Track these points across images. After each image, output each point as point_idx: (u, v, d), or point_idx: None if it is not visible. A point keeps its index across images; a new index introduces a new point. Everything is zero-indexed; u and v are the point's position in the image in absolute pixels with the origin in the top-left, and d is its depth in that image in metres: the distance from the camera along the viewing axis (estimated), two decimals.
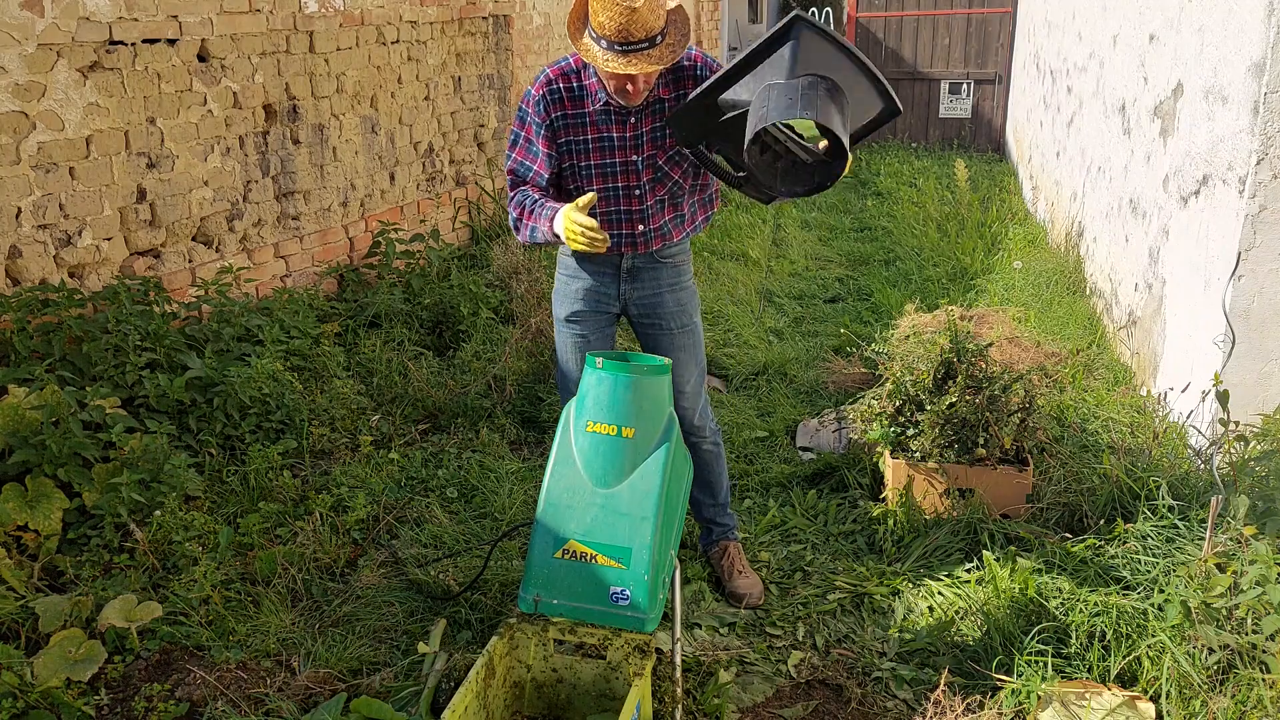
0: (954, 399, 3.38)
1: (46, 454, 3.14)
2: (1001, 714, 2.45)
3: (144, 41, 4.15)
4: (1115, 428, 3.85)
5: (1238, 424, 3.12)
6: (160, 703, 2.55)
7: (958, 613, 2.93)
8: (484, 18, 6.71)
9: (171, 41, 4.29)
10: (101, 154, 4.01)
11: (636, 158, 2.74)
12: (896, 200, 8.66)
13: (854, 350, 4.90)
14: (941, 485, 3.36)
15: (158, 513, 3.14)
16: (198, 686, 2.63)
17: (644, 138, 2.72)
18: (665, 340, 2.94)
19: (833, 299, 6.33)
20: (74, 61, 3.86)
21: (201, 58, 4.47)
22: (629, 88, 2.59)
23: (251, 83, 4.75)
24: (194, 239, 4.53)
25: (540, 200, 2.70)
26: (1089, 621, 2.67)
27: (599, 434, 2.33)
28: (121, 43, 4.05)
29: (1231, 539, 2.57)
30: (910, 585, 3.08)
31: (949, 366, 3.51)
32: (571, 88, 2.71)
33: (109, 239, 4.08)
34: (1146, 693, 2.46)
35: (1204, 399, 3.43)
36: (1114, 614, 2.65)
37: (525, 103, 2.76)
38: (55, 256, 3.86)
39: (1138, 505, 3.10)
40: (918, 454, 3.45)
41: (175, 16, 4.28)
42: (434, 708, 2.47)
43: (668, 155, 2.76)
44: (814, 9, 22.24)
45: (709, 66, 2.71)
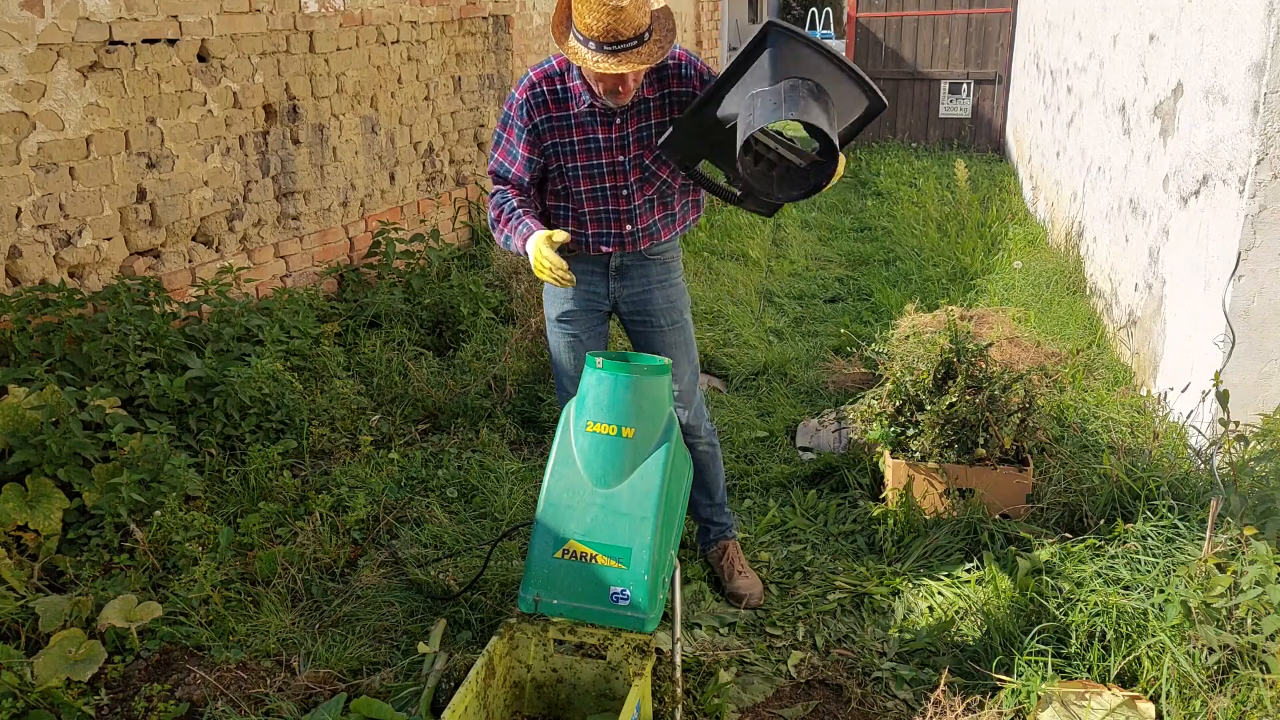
0: (954, 399, 3.38)
1: (46, 454, 3.14)
2: (1001, 714, 2.45)
3: (144, 41, 4.15)
4: (1115, 428, 3.85)
5: (1238, 424, 3.12)
6: (160, 703, 2.55)
7: (958, 613, 2.93)
8: (484, 18, 6.71)
9: (171, 41, 4.29)
10: (101, 154, 4.01)
11: (623, 158, 2.73)
12: (896, 200, 8.66)
13: (854, 350, 4.90)
14: (941, 485, 3.36)
15: (158, 513, 3.14)
16: (198, 686, 2.63)
17: (630, 138, 2.72)
18: (656, 338, 2.94)
19: (833, 299, 6.33)
20: (74, 61, 3.86)
21: (201, 58, 4.47)
22: (619, 88, 2.58)
23: (251, 83, 4.75)
24: (194, 239, 4.53)
25: (518, 210, 2.70)
26: (1089, 621, 2.67)
27: (599, 434, 2.33)
28: (121, 43, 4.05)
29: (1231, 539, 2.57)
30: (910, 585, 3.08)
31: (949, 366, 3.51)
32: (555, 90, 2.69)
33: (109, 239, 4.08)
34: (1146, 693, 2.46)
35: (1204, 399, 3.43)
36: (1114, 614, 2.65)
37: (509, 106, 2.75)
38: (55, 256, 3.86)
39: (1138, 505, 3.10)
40: (918, 454, 3.45)
41: (175, 16, 4.28)
42: (434, 708, 2.47)
43: (654, 155, 2.75)
44: (814, 9, 22.24)
45: (693, 64, 2.70)
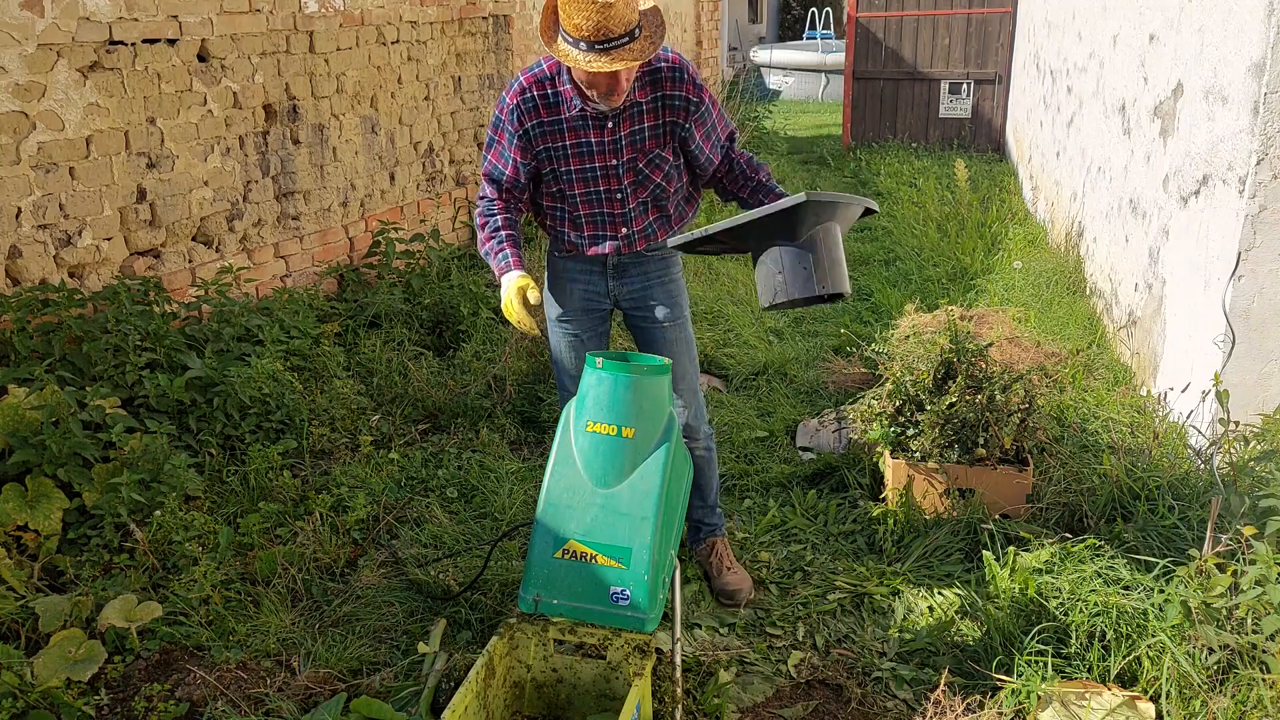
0: (954, 399, 3.38)
1: (46, 454, 3.14)
2: (1001, 714, 2.45)
3: (144, 41, 4.15)
4: (1115, 428, 3.85)
5: (1238, 424, 3.12)
6: (160, 703, 2.55)
7: (958, 613, 2.93)
8: (484, 18, 6.71)
9: (171, 41, 4.29)
10: (101, 154, 4.01)
11: (616, 162, 2.72)
12: (896, 200, 8.65)
13: (854, 350, 4.90)
14: (941, 485, 3.36)
15: (158, 513, 3.14)
16: (198, 686, 2.63)
17: (622, 142, 2.71)
18: (657, 334, 2.94)
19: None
20: (74, 61, 3.86)
21: (201, 58, 4.47)
22: (613, 88, 2.55)
23: (251, 83, 4.75)
24: (194, 239, 4.53)
25: (501, 231, 2.74)
26: (1089, 621, 2.67)
27: (599, 434, 2.33)
28: (121, 43, 4.05)
29: (1231, 539, 2.57)
30: (910, 585, 3.08)
31: (949, 366, 3.51)
32: (546, 95, 2.68)
33: (109, 239, 4.08)
34: (1146, 693, 2.46)
35: (1204, 399, 3.43)
36: (1114, 614, 2.65)
37: (500, 109, 2.74)
38: (55, 256, 3.87)
39: (1138, 505, 3.10)
40: (918, 454, 3.45)
41: (175, 16, 4.28)
42: (434, 708, 2.47)
43: (648, 159, 2.74)
44: (814, 9, 22.22)
45: (685, 69, 2.68)
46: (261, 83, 4.81)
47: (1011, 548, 3.06)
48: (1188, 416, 3.59)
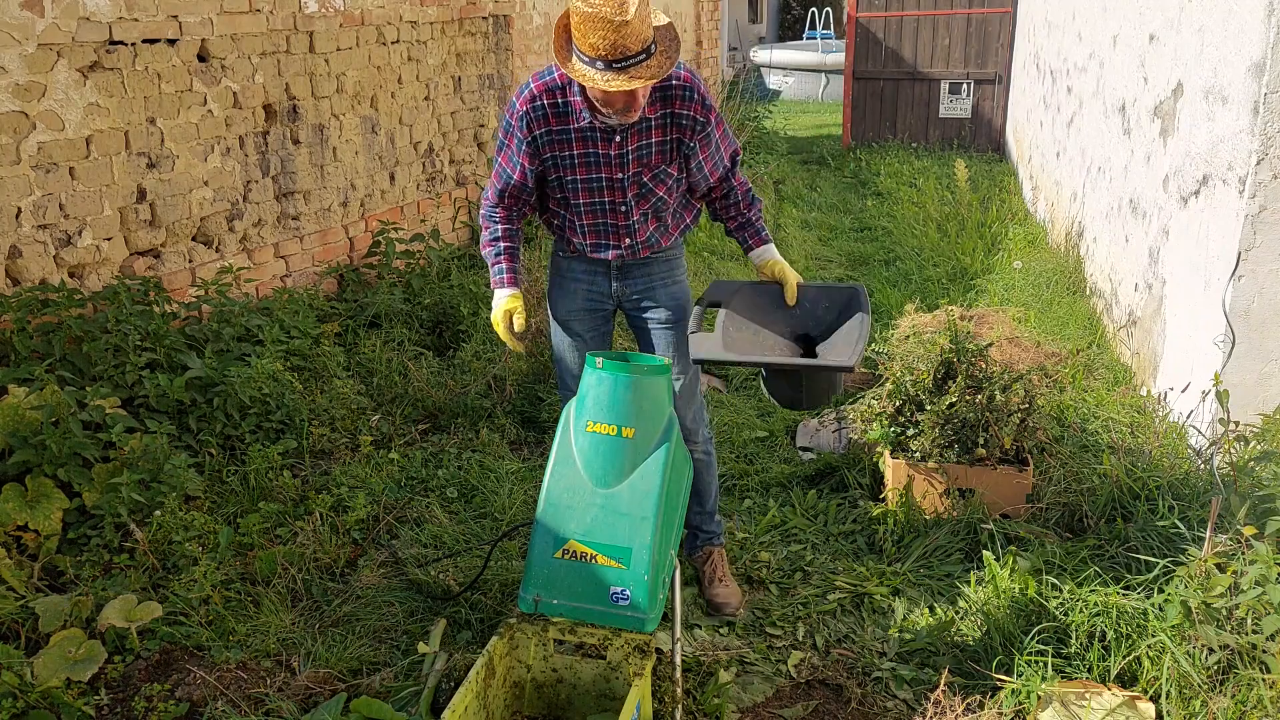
0: (954, 399, 3.38)
1: (46, 454, 3.14)
2: (1001, 714, 2.45)
3: (144, 41, 4.15)
4: (1115, 428, 3.85)
5: (1238, 424, 3.12)
6: (160, 703, 2.55)
7: (958, 612, 2.93)
8: (484, 18, 6.71)
9: (171, 41, 4.29)
10: (101, 154, 4.01)
11: (621, 175, 2.72)
12: (896, 200, 8.65)
13: None
14: (941, 485, 3.36)
15: (158, 513, 3.14)
16: (198, 686, 2.63)
17: (629, 156, 2.70)
18: (660, 334, 2.94)
19: None
20: (74, 61, 3.86)
21: (201, 58, 4.47)
22: (629, 105, 2.54)
23: (251, 83, 4.75)
24: (194, 239, 4.53)
25: (501, 243, 2.83)
26: (1089, 621, 2.67)
27: (599, 434, 2.33)
28: (121, 43, 4.05)
29: (1231, 539, 2.57)
30: (910, 585, 3.08)
31: (949, 366, 3.51)
32: (556, 104, 2.67)
33: (109, 239, 4.08)
34: (1146, 693, 2.46)
35: (1204, 399, 3.43)
36: (1114, 614, 2.65)
37: (509, 114, 2.73)
38: (55, 256, 3.87)
39: (1138, 505, 3.10)
40: (918, 454, 3.45)
41: (175, 16, 4.28)
42: (434, 708, 2.47)
43: (653, 173, 2.74)
44: (814, 9, 22.21)
45: (696, 88, 2.66)
46: (261, 83, 4.81)
47: (1012, 547, 3.06)
48: (1188, 416, 3.59)
